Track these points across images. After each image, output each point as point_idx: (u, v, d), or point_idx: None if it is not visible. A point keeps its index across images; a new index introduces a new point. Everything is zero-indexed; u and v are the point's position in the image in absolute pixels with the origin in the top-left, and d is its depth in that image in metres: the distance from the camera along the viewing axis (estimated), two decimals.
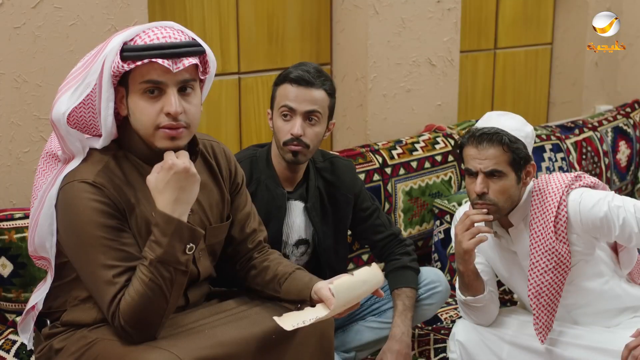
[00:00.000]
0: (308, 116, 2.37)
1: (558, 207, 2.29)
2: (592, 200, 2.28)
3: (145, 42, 1.79)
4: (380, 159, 3.21)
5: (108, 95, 1.81)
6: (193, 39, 1.85)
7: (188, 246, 1.80)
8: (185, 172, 1.80)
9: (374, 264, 2.00)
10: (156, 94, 1.81)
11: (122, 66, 1.78)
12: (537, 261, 2.31)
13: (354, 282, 1.93)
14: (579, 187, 2.33)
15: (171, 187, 1.79)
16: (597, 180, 2.41)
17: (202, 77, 1.90)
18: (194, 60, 1.83)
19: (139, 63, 1.78)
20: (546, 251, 2.29)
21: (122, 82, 1.83)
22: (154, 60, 1.77)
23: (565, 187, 2.31)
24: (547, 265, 2.30)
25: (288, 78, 2.37)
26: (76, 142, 1.86)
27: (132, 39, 1.80)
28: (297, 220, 2.52)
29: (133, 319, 1.77)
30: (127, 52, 1.78)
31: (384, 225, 2.66)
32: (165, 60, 1.78)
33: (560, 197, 2.29)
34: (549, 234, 2.28)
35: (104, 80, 1.79)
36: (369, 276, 1.97)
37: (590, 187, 2.36)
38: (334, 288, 1.88)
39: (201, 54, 1.86)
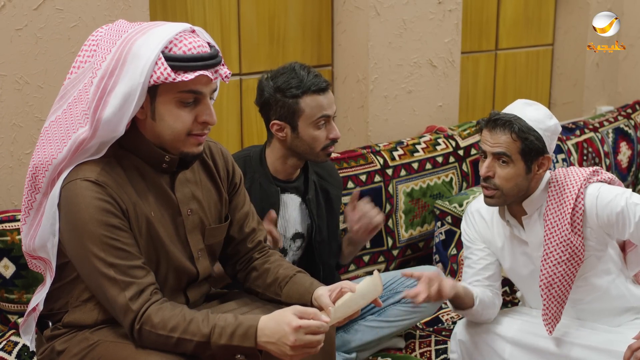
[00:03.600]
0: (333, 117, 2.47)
1: (576, 200, 2.29)
2: (609, 195, 2.28)
3: (184, 51, 1.79)
4: (381, 160, 3.22)
5: (138, 102, 1.79)
6: (209, 43, 1.88)
7: (239, 356, 1.83)
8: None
9: (375, 272, 2.01)
10: (193, 103, 1.83)
11: (174, 78, 1.77)
12: (551, 252, 2.32)
13: (353, 298, 1.95)
14: (597, 181, 2.34)
15: (287, 351, 1.79)
16: (614, 176, 2.41)
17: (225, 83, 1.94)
18: (227, 70, 1.87)
19: (190, 76, 1.78)
20: (561, 242, 2.30)
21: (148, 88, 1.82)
22: (203, 72, 1.79)
23: (584, 180, 2.32)
24: (560, 257, 2.31)
25: (311, 90, 2.38)
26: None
27: (167, 47, 1.79)
28: (293, 213, 2.54)
29: (148, 341, 1.80)
30: (175, 62, 1.77)
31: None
32: (209, 72, 1.81)
33: (579, 190, 2.30)
34: (565, 225, 2.29)
35: (142, 89, 1.77)
36: (369, 288, 1.98)
37: (607, 182, 2.37)
38: (333, 310, 1.90)
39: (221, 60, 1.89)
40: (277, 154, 2.48)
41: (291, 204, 2.54)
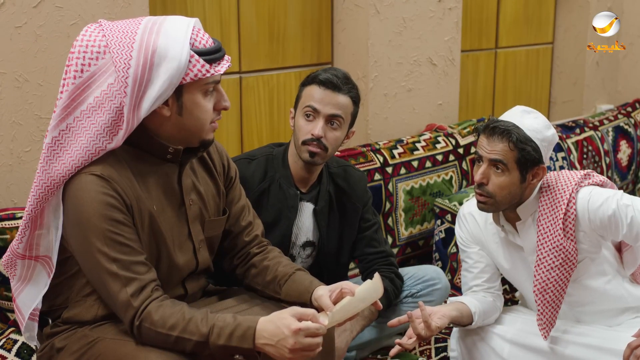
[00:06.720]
0: (330, 120, 2.38)
1: (567, 204, 2.29)
2: (600, 198, 2.28)
3: (204, 45, 1.83)
4: (381, 159, 3.21)
5: (165, 97, 1.82)
6: None
7: (237, 356, 1.86)
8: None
9: (376, 276, 2.00)
10: (212, 91, 1.89)
11: (212, 73, 1.83)
12: (544, 257, 2.31)
13: (353, 302, 1.94)
14: (588, 185, 2.34)
15: (285, 352, 1.80)
16: (606, 178, 2.41)
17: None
18: (228, 56, 1.91)
19: (222, 68, 1.84)
20: (553, 248, 2.30)
21: None
22: (229, 62, 1.86)
23: (575, 184, 2.31)
24: (553, 262, 2.30)
25: (316, 80, 2.39)
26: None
27: (190, 44, 1.81)
28: (306, 222, 2.53)
29: (147, 338, 1.81)
30: (206, 57, 1.82)
31: (379, 241, 2.65)
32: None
33: (570, 195, 2.29)
34: (557, 230, 2.29)
35: (174, 88, 1.81)
36: (369, 292, 1.98)
37: (599, 185, 2.36)
38: (331, 314, 1.90)
39: None
40: (291, 151, 2.47)
41: (306, 211, 2.52)
